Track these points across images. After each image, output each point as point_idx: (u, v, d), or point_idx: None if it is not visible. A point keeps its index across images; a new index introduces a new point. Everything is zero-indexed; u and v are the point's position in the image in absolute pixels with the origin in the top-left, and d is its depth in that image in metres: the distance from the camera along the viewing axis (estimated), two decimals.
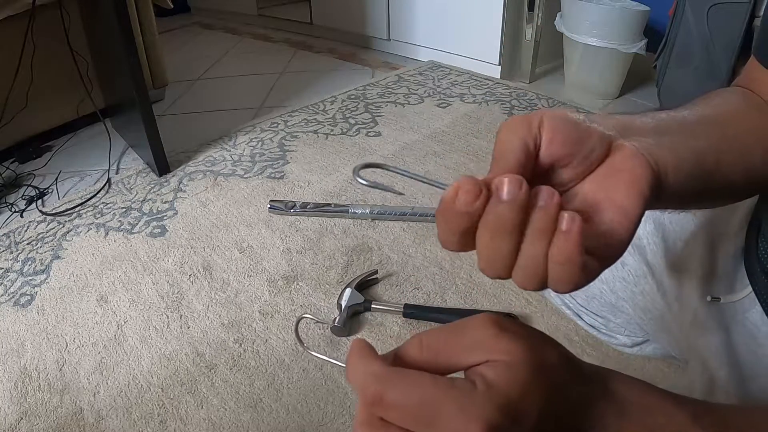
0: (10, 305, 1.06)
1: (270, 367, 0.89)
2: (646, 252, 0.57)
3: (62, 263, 1.17)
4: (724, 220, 0.53)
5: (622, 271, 0.58)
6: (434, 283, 1.06)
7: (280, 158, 1.56)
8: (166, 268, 1.13)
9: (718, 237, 0.53)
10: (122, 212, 1.33)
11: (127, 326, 0.99)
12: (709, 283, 0.52)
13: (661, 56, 1.68)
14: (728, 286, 0.51)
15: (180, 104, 2.06)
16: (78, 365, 0.92)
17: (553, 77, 2.13)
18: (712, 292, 0.52)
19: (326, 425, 0.80)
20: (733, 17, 1.45)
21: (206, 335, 0.96)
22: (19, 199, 1.43)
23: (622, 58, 1.81)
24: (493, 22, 2.01)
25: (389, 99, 1.94)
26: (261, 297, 1.04)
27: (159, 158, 1.47)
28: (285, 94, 2.09)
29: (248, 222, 1.27)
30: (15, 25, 1.47)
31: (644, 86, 1.98)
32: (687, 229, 0.55)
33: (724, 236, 0.52)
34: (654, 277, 0.56)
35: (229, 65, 2.51)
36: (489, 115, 1.79)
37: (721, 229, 0.53)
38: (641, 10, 1.75)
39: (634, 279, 0.57)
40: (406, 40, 2.42)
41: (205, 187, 1.42)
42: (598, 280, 0.58)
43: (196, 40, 3.00)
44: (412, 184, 1.40)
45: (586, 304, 0.62)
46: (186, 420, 0.81)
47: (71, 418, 0.83)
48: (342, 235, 1.21)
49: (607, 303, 0.60)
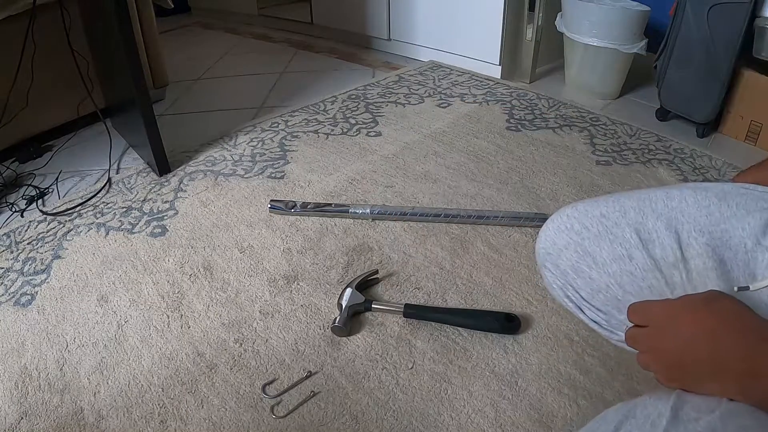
0: (11, 305, 1.06)
1: (270, 366, 0.89)
2: (655, 246, 0.57)
3: (63, 263, 1.17)
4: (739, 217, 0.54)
5: (630, 264, 0.58)
6: (435, 283, 1.06)
7: (280, 158, 1.56)
8: (167, 268, 1.13)
9: (732, 228, 0.53)
10: (123, 212, 1.33)
11: (127, 326, 0.99)
12: (726, 274, 0.52)
13: (661, 56, 1.68)
14: (749, 275, 0.51)
15: (180, 104, 2.06)
16: (78, 365, 0.92)
17: (554, 77, 2.14)
18: (732, 283, 0.52)
19: (326, 425, 0.80)
20: (733, 17, 1.45)
21: (207, 335, 0.96)
22: (20, 199, 1.43)
23: (623, 58, 1.81)
24: (494, 22, 2.01)
25: (390, 99, 1.94)
26: (261, 297, 1.04)
27: (159, 158, 1.47)
28: (285, 94, 2.09)
29: (249, 222, 1.27)
30: (15, 25, 1.47)
31: (644, 86, 1.98)
32: (700, 222, 0.55)
33: (739, 228, 0.53)
34: (662, 272, 0.56)
35: (230, 65, 2.51)
36: (489, 115, 1.79)
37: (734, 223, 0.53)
38: (642, 11, 1.75)
39: (642, 273, 0.57)
40: (406, 40, 2.42)
41: (206, 187, 1.42)
42: (605, 273, 0.59)
43: (197, 40, 3.00)
44: (410, 186, 1.40)
45: (590, 298, 0.62)
46: (186, 420, 0.81)
47: (71, 418, 0.83)
48: (342, 235, 1.21)
49: (613, 297, 0.60)
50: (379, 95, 1.98)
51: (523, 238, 1.18)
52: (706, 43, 1.52)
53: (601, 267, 0.60)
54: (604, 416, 0.45)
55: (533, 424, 0.78)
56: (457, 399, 0.82)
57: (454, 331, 0.94)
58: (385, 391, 0.84)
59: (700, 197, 0.57)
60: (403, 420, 0.80)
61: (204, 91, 2.20)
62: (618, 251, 0.59)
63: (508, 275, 1.07)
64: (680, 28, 1.58)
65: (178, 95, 2.13)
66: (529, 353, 0.90)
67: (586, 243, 0.62)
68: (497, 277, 1.07)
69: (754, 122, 1.57)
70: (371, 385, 0.85)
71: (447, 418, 0.80)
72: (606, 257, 0.60)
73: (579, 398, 0.82)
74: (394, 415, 0.81)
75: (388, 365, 0.89)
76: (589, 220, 0.62)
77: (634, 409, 0.44)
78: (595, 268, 0.61)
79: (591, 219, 0.62)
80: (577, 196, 1.33)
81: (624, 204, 0.61)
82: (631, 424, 0.43)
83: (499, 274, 1.07)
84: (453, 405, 0.82)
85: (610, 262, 0.59)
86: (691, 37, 1.56)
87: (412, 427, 0.79)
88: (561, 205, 1.30)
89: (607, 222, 0.61)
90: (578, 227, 0.63)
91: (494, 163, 1.49)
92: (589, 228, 0.62)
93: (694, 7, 1.52)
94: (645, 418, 0.42)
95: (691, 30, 1.55)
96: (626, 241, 0.59)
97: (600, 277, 0.60)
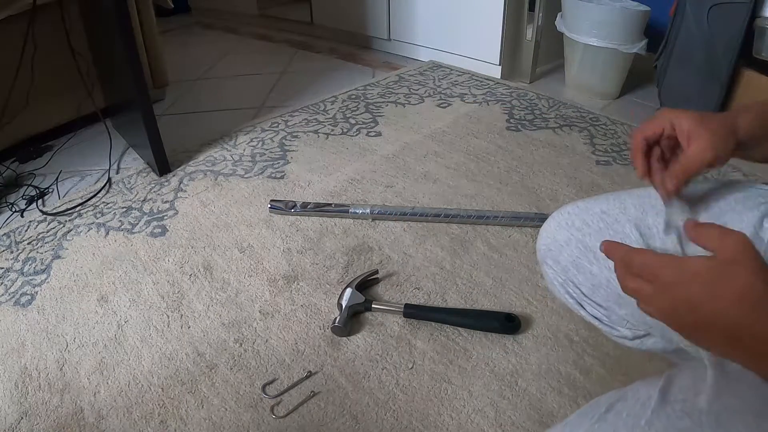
0: (11, 305, 1.06)
1: (270, 366, 0.89)
2: (655, 240, 0.57)
3: (63, 263, 1.17)
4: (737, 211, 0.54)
5: None
6: (435, 283, 1.06)
7: (280, 158, 1.56)
8: (167, 268, 1.13)
9: (731, 222, 0.54)
10: (123, 212, 1.33)
11: (127, 326, 0.99)
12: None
13: (661, 56, 1.68)
14: None
15: (180, 104, 2.06)
16: (78, 365, 0.92)
17: (554, 77, 2.13)
18: None
19: (326, 425, 0.80)
20: (733, 17, 1.45)
21: (207, 335, 0.96)
22: (20, 199, 1.43)
23: (623, 58, 1.81)
24: (494, 22, 2.01)
25: (390, 99, 1.94)
26: (261, 297, 1.04)
27: (159, 158, 1.47)
28: (285, 94, 2.09)
29: (249, 222, 1.27)
30: (15, 25, 1.47)
31: (645, 86, 1.98)
32: (700, 218, 0.56)
33: (738, 221, 0.53)
34: None
35: (230, 65, 2.51)
36: (489, 115, 1.79)
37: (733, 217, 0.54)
38: (642, 10, 1.75)
39: None
40: (406, 40, 2.42)
41: (206, 187, 1.42)
42: (606, 268, 0.59)
43: (196, 40, 3.00)
44: (410, 186, 1.40)
45: (590, 294, 0.63)
46: (186, 420, 0.81)
47: (71, 418, 0.83)
48: (342, 235, 1.21)
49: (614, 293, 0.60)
50: (379, 95, 1.98)
51: (523, 238, 1.18)
52: (706, 43, 1.52)
53: (602, 262, 0.60)
54: (597, 400, 0.46)
55: (533, 424, 0.78)
56: (457, 399, 0.82)
57: (454, 331, 0.94)
58: (385, 391, 0.84)
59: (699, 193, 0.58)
60: (403, 420, 0.80)
61: (204, 91, 2.20)
62: None
63: (508, 275, 1.07)
64: (680, 28, 1.58)
65: (178, 95, 2.13)
66: (529, 353, 0.90)
67: (587, 239, 0.62)
68: (497, 277, 1.07)
69: None
70: (371, 385, 0.85)
71: (447, 418, 0.80)
72: None
73: (579, 398, 0.82)
74: (394, 415, 0.81)
75: (388, 365, 0.89)
76: (590, 217, 0.63)
77: (625, 392, 0.45)
78: (596, 263, 0.61)
79: (592, 215, 0.63)
80: (577, 196, 1.33)
81: (624, 201, 0.62)
82: (621, 405, 0.44)
83: (499, 274, 1.07)
84: (453, 405, 0.82)
85: None
86: (691, 37, 1.56)
87: (412, 427, 0.79)
88: (561, 205, 1.29)
89: (608, 218, 0.61)
90: (579, 223, 0.63)
91: (494, 163, 1.49)
92: (590, 224, 0.62)
93: (694, 7, 1.52)
94: (635, 400, 0.43)
95: (691, 30, 1.55)
96: (627, 236, 0.59)
97: (601, 271, 0.60)
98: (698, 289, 0.37)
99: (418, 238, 1.19)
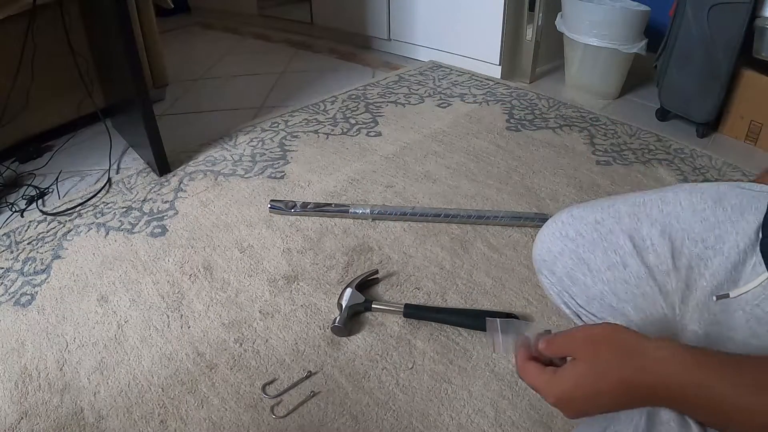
0: (11, 305, 1.06)
1: (270, 366, 0.89)
2: (649, 253, 0.57)
3: (63, 263, 1.17)
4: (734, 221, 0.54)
5: (624, 272, 0.58)
6: (435, 283, 1.06)
7: (280, 158, 1.56)
8: (167, 268, 1.13)
9: (726, 234, 0.53)
10: (123, 212, 1.33)
11: (127, 326, 0.99)
12: (714, 280, 0.53)
13: (661, 56, 1.68)
14: (731, 283, 0.51)
15: (180, 104, 2.06)
16: (78, 365, 0.92)
17: (554, 77, 2.13)
18: (715, 291, 0.52)
19: (326, 425, 0.80)
20: (733, 17, 1.45)
21: (207, 335, 0.96)
22: (20, 199, 1.43)
23: (623, 58, 1.81)
24: (494, 22, 2.01)
25: (390, 99, 1.94)
26: (261, 297, 1.04)
27: (159, 158, 1.47)
28: (285, 94, 2.09)
29: (249, 222, 1.27)
30: (15, 25, 1.47)
31: (644, 86, 1.98)
32: (695, 229, 0.55)
33: (733, 232, 0.53)
34: (655, 280, 0.56)
35: (230, 65, 2.51)
36: (489, 115, 1.79)
37: (728, 228, 0.54)
38: (642, 11, 1.75)
39: (636, 281, 0.57)
40: (406, 40, 2.42)
41: (206, 187, 1.42)
42: (599, 281, 0.59)
43: (196, 40, 3.00)
44: (410, 186, 1.40)
45: (586, 305, 0.62)
46: (186, 420, 0.81)
47: (71, 418, 0.83)
48: (342, 235, 1.21)
49: (608, 306, 0.60)
50: (379, 95, 1.98)
51: (523, 238, 1.18)
52: (706, 43, 1.53)
53: (596, 274, 0.60)
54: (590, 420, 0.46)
55: (533, 424, 0.78)
56: (457, 399, 0.82)
57: (454, 331, 0.94)
58: (385, 391, 0.84)
59: (695, 200, 0.57)
60: (403, 420, 0.80)
61: (204, 91, 2.20)
62: (612, 258, 0.59)
63: (508, 275, 1.07)
64: (680, 28, 1.58)
65: (178, 95, 2.13)
66: None
67: (581, 250, 0.61)
68: (497, 277, 1.07)
69: (754, 122, 1.57)
70: (371, 385, 0.85)
71: (447, 418, 0.80)
72: (600, 264, 0.60)
73: None
74: (394, 415, 0.81)
75: (388, 365, 0.89)
76: (584, 227, 0.62)
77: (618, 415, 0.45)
78: (589, 275, 0.60)
79: (586, 225, 0.62)
80: (577, 196, 1.33)
81: (619, 209, 0.61)
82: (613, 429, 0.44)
83: (499, 274, 1.07)
84: (453, 405, 0.82)
85: (605, 269, 0.59)
86: (691, 37, 1.56)
87: (412, 427, 0.79)
88: (561, 205, 1.30)
89: (602, 228, 0.61)
90: (573, 234, 0.63)
91: (494, 163, 1.49)
92: (583, 235, 0.62)
93: (694, 7, 1.52)
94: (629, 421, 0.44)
95: (691, 30, 1.55)
96: (620, 248, 0.59)
97: (595, 284, 0.60)
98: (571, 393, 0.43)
99: (418, 238, 1.19)
